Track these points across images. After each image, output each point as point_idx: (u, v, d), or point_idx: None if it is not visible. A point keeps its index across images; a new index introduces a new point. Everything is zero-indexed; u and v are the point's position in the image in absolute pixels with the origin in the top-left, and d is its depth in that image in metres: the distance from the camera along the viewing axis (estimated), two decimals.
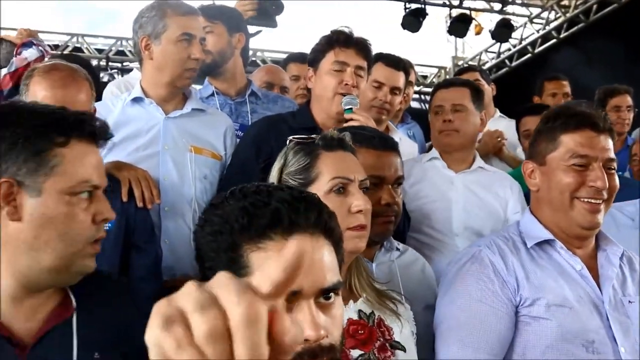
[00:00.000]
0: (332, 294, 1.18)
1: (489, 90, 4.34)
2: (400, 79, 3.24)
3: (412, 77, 4.28)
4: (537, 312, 1.85)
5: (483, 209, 2.89)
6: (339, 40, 2.65)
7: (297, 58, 4.22)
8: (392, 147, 2.17)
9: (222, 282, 0.64)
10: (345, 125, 2.50)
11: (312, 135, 1.79)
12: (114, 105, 2.71)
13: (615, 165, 1.96)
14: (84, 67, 2.55)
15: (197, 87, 3.54)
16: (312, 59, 2.74)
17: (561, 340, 1.81)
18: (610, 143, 1.95)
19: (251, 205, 1.17)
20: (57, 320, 1.47)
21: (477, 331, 1.85)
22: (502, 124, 4.37)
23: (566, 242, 1.98)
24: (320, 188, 1.67)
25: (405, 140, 3.49)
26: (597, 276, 1.96)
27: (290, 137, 1.80)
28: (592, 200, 1.90)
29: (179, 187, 2.61)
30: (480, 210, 2.88)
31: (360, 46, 2.67)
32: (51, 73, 2.25)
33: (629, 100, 4.70)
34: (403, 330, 1.77)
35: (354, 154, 1.78)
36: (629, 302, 1.92)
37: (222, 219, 1.19)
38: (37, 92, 2.19)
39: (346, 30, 2.68)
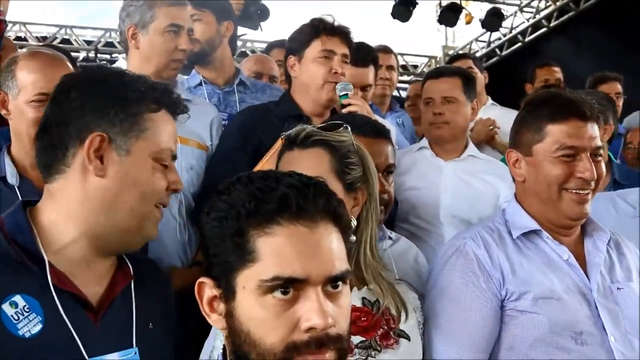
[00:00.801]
0: (340, 283, 1.16)
1: (481, 78, 4.33)
2: (368, 75, 3.23)
3: (393, 62, 4.28)
4: (524, 306, 1.83)
5: (472, 197, 2.88)
6: (325, 28, 2.64)
7: (279, 44, 4.15)
8: (383, 134, 2.16)
9: None
10: (343, 110, 2.51)
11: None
12: None
13: (602, 152, 1.94)
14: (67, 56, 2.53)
15: (183, 77, 3.52)
16: (295, 47, 2.71)
17: (549, 332, 1.80)
18: (596, 130, 1.91)
19: (258, 190, 1.14)
20: (120, 287, 1.51)
21: (462, 329, 1.84)
22: (494, 112, 4.35)
23: (552, 231, 1.95)
24: None
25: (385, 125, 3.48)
26: (584, 263, 1.93)
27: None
28: (580, 191, 1.88)
29: None
30: (469, 198, 2.87)
31: (345, 34, 2.68)
32: (36, 56, 2.27)
33: (618, 87, 4.70)
34: (409, 320, 1.75)
35: (320, 146, 1.76)
36: (618, 288, 1.90)
37: (228, 204, 1.15)
38: (26, 76, 2.19)
39: (330, 18, 2.67)
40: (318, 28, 2.65)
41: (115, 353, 1.44)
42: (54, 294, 1.37)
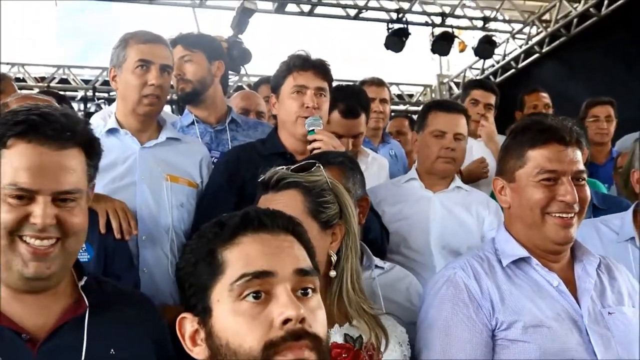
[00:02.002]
0: (309, 290, 1.20)
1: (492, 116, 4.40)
2: (359, 126, 3.19)
3: (386, 95, 4.32)
4: (514, 335, 1.82)
5: (461, 228, 2.91)
6: (296, 64, 2.68)
7: (267, 80, 4.21)
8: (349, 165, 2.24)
9: None
10: (309, 147, 2.54)
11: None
12: None
13: (585, 176, 1.94)
14: (58, 99, 2.58)
15: (174, 116, 3.56)
16: (274, 86, 2.77)
17: None
18: (578, 155, 1.93)
19: (224, 217, 1.26)
20: (69, 316, 1.51)
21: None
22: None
23: (541, 257, 1.96)
24: None
25: (375, 159, 3.51)
26: (575, 289, 1.93)
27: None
28: (564, 215, 1.88)
29: (156, 216, 2.62)
30: (458, 229, 2.91)
31: (319, 68, 2.70)
32: (27, 99, 2.30)
33: (608, 110, 4.72)
34: (393, 354, 1.76)
35: (293, 188, 1.77)
36: (609, 313, 1.89)
37: (198, 236, 1.27)
38: None
39: (303, 53, 2.71)
40: (289, 64, 2.70)
41: None
42: None
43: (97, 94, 9.17)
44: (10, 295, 1.47)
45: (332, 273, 1.74)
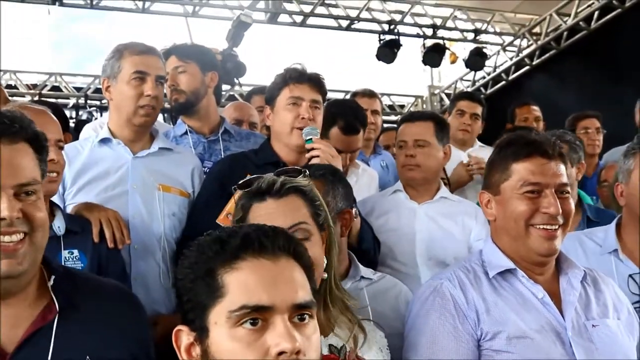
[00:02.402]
0: (306, 316, 1.22)
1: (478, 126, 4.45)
2: (358, 141, 3.27)
3: (378, 106, 4.37)
4: (499, 345, 1.85)
5: (446, 239, 2.94)
6: (292, 77, 2.72)
7: (260, 91, 4.26)
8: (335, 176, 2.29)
9: None
10: (307, 155, 2.58)
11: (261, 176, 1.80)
12: (82, 147, 2.74)
13: (569, 189, 1.99)
14: (52, 109, 2.59)
15: (168, 126, 3.57)
16: (269, 97, 2.80)
17: None
18: (562, 168, 1.97)
19: (224, 234, 1.25)
20: (38, 324, 1.47)
21: None
22: (482, 154, 4.41)
23: (527, 269, 1.99)
24: None
25: (366, 170, 3.55)
26: (560, 301, 1.96)
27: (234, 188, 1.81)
28: (547, 227, 1.92)
29: (148, 225, 2.64)
30: (443, 240, 2.93)
31: (314, 81, 2.74)
32: (23, 108, 2.25)
33: (596, 123, 4.79)
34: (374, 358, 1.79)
35: (294, 193, 1.77)
36: (593, 325, 1.92)
37: (197, 251, 1.25)
38: None
39: (299, 67, 2.75)
40: (285, 77, 2.73)
41: None
42: None
43: (89, 101, 9.17)
44: None
45: (324, 275, 1.77)
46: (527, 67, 9.69)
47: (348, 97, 5.22)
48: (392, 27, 8.72)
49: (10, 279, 1.43)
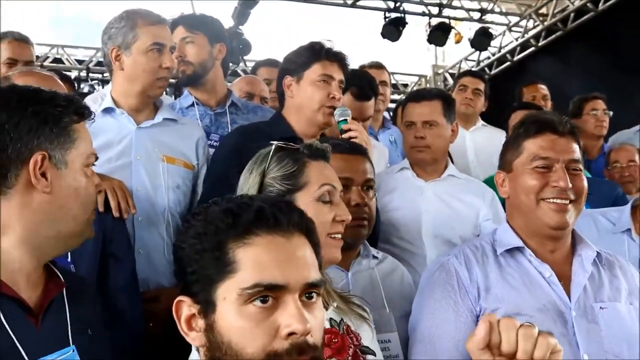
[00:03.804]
0: (314, 294, 1.20)
1: (481, 102, 4.44)
2: (370, 108, 3.30)
3: (386, 78, 4.35)
4: None
5: (453, 218, 2.91)
6: (327, 53, 2.67)
7: (266, 63, 4.23)
8: (360, 152, 2.25)
9: None
10: (343, 136, 2.54)
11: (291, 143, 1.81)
12: None
13: (580, 166, 2.00)
14: (60, 77, 2.56)
15: (169, 99, 3.53)
16: (293, 68, 2.71)
17: None
18: (574, 146, 1.99)
19: (235, 205, 1.21)
20: (54, 292, 1.52)
21: (437, 342, 1.90)
22: (484, 133, 4.42)
23: (540, 245, 2.00)
24: (308, 195, 1.71)
25: (375, 146, 3.46)
26: (570, 282, 1.96)
27: (272, 142, 1.82)
28: (558, 200, 1.94)
29: (152, 197, 2.61)
30: (450, 218, 2.91)
31: (343, 62, 2.71)
32: (31, 74, 2.27)
33: (603, 104, 4.76)
34: (367, 334, 1.80)
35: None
36: (601, 308, 1.92)
37: (206, 221, 1.21)
38: None
39: (330, 44, 2.69)
40: (319, 52, 2.67)
41: (55, 353, 1.46)
42: None
43: (90, 74, 9.13)
44: (9, 271, 1.45)
45: None
46: (532, 48, 9.63)
47: None
48: (397, 4, 8.65)
49: None
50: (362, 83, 3.23)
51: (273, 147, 1.79)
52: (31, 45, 3.77)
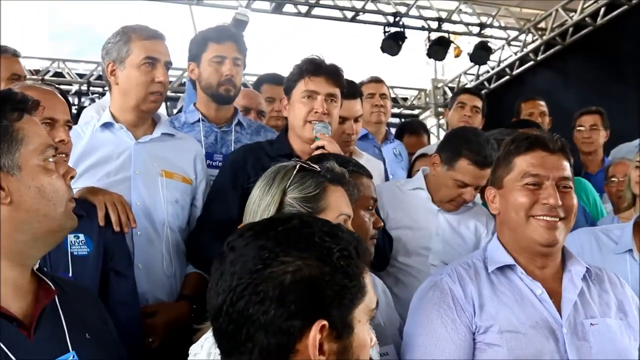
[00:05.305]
0: None
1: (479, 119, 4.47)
2: (358, 106, 3.25)
3: (386, 91, 4.38)
4: (491, 339, 1.89)
5: (461, 246, 2.94)
6: (308, 69, 2.68)
7: (269, 79, 4.19)
8: (366, 174, 2.29)
9: None
10: (312, 146, 2.58)
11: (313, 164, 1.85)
12: (83, 132, 2.71)
13: (570, 184, 2.00)
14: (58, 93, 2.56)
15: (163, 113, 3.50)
16: (286, 88, 2.77)
17: None
18: (564, 163, 2.00)
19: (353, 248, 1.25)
20: (45, 300, 1.49)
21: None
22: None
23: (529, 262, 2.01)
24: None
25: (371, 161, 3.48)
26: (561, 298, 1.97)
27: (295, 160, 1.86)
28: (548, 218, 1.95)
29: (151, 211, 2.62)
30: (459, 246, 2.94)
31: (331, 74, 2.70)
32: (31, 89, 2.26)
33: (595, 119, 4.76)
34: (375, 348, 1.81)
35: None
36: (591, 324, 1.93)
37: (345, 251, 1.21)
38: None
39: (316, 59, 2.71)
40: (302, 69, 2.70)
41: None
42: None
43: (91, 88, 9.13)
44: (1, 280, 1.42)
45: None
46: (531, 62, 9.66)
47: None
48: (397, 19, 8.69)
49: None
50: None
51: (297, 166, 1.81)
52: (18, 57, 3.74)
